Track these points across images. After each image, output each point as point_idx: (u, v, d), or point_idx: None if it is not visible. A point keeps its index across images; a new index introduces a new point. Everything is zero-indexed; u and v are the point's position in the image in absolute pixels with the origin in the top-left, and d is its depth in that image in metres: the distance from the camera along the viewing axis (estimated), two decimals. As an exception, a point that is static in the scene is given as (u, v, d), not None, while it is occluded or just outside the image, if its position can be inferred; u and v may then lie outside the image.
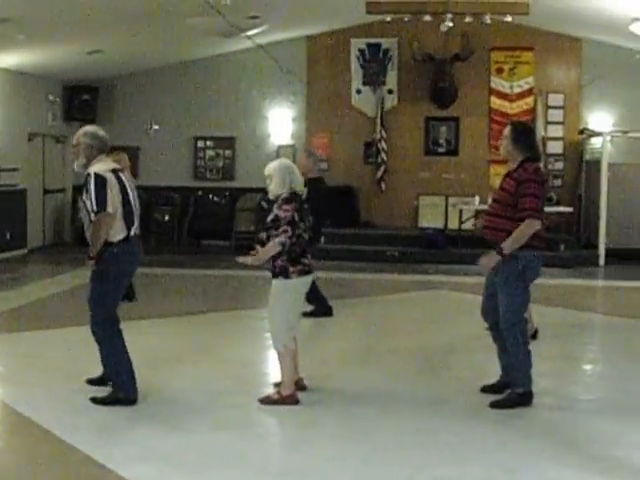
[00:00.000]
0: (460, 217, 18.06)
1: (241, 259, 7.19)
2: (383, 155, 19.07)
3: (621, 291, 14.65)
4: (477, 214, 18.48)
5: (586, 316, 12.22)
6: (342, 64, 19.27)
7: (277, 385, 7.42)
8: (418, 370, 8.69)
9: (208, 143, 19.93)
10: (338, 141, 19.38)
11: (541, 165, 7.56)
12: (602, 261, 17.38)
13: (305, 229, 7.16)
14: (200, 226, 19.68)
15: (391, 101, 19.26)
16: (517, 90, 19.16)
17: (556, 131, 19.20)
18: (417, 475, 5.70)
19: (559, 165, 19.29)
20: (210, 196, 19.83)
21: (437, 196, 19.41)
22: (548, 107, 19.18)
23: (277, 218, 7.05)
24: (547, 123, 19.10)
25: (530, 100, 19.14)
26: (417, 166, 19.51)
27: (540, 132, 18.69)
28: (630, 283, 15.23)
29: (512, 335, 7.24)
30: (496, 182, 18.84)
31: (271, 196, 7.23)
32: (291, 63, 19.01)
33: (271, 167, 7.24)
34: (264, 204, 18.09)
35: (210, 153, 19.94)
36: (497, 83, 19.19)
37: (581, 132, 19.00)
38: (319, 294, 11.05)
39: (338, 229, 17.89)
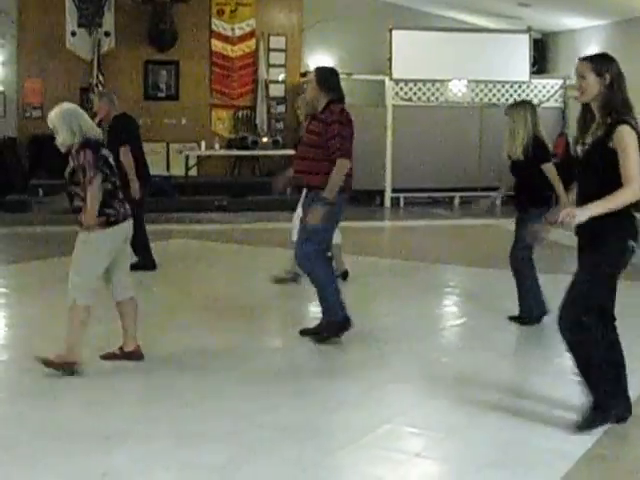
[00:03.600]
0: (186, 163, 17.59)
1: None
2: (101, 101, 18.12)
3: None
4: (200, 160, 18.19)
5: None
6: (56, 4, 17.96)
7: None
8: (212, 320, 8.28)
9: None
10: (52, 86, 18.12)
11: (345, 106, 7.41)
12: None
13: (107, 176, 6.39)
14: None
15: (108, 44, 18.29)
16: (239, 33, 18.83)
17: (278, 74, 19.06)
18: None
19: (281, 108, 19.21)
20: None
21: (158, 142, 18.75)
22: (270, 50, 19.01)
23: (75, 170, 6.29)
24: (269, 66, 18.94)
25: (252, 43, 18.88)
26: (137, 111, 18.44)
27: (262, 75, 18.59)
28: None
29: (315, 273, 7.38)
30: (218, 127, 18.90)
31: (63, 149, 6.42)
32: (0, 2, 17.66)
33: (52, 116, 6.38)
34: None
35: None
36: (218, 25, 18.75)
37: (303, 75, 18.96)
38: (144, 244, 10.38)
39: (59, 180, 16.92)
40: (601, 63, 5.18)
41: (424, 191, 18.58)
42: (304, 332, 7.60)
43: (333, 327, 7.41)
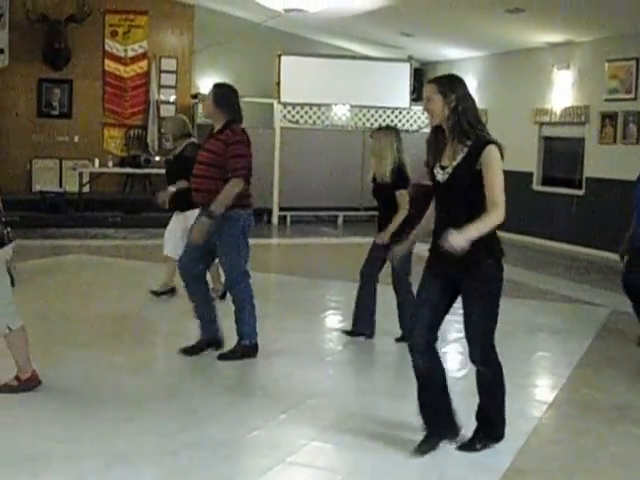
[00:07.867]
0: (80, 180, 17.97)
1: None
2: (-6, 117, 18.46)
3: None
4: (93, 177, 18.57)
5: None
6: (-49, 21, 18.30)
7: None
8: (115, 336, 8.34)
9: None
10: (-54, 102, 18.47)
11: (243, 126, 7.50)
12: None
13: None
14: None
15: (2, 61, 18.57)
16: (131, 54, 19.37)
17: (169, 95, 19.65)
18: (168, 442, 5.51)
19: (171, 128, 19.71)
20: None
21: (51, 159, 19.15)
22: (161, 71, 19.58)
23: None
24: (160, 87, 19.49)
25: (144, 64, 19.42)
26: (30, 128, 19.08)
27: (154, 96, 19.14)
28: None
29: (238, 291, 7.51)
30: (110, 145, 19.34)
31: None
32: None
33: None
34: None
35: None
36: (111, 46, 19.24)
37: (194, 96, 19.59)
38: None
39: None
40: (446, 85, 5.05)
41: (310, 210, 19.42)
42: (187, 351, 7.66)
43: (246, 351, 7.52)
